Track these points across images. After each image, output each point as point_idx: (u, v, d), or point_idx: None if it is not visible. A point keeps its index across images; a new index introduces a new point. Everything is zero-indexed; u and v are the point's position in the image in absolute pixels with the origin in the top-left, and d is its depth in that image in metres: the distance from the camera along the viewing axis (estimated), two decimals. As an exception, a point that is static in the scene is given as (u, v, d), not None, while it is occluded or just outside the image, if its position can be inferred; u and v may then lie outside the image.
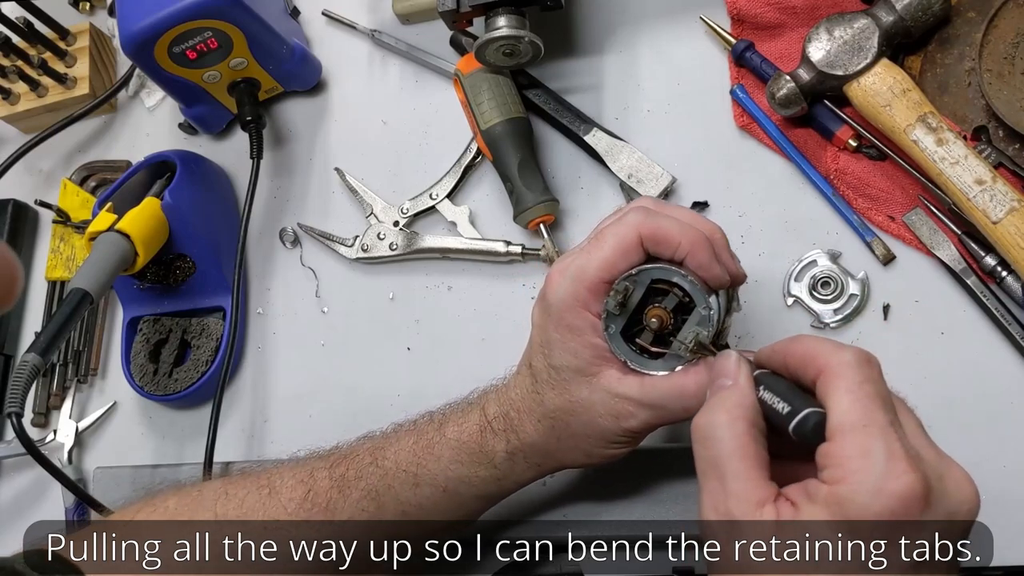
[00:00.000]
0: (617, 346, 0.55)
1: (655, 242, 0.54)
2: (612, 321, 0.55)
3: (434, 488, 0.60)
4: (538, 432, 0.58)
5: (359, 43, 0.91)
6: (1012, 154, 0.68)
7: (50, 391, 0.88)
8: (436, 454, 0.60)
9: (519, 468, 0.60)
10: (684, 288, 0.54)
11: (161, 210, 0.80)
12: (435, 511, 0.60)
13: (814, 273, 0.71)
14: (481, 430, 0.59)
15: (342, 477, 0.61)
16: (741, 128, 0.77)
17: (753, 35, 0.78)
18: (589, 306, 0.55)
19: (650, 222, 0.54)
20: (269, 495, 0.61)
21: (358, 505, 0.60)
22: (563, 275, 0.56)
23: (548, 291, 0.56)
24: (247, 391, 0.84)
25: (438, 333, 0.81)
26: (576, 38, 0.84)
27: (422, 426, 0.62)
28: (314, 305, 0.85)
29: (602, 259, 0.54)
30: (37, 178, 0.98)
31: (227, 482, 0.63)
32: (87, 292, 0.71)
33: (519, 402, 0.59)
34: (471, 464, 0.59)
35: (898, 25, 0.70)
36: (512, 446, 0.59)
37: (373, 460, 0.61)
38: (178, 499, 0.63)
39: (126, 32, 0.77)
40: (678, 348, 0.54)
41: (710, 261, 0.53)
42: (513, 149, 0.76)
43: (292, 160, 0.90)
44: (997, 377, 0.67)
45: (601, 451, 0.58)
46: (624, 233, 0.54)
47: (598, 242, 0.55)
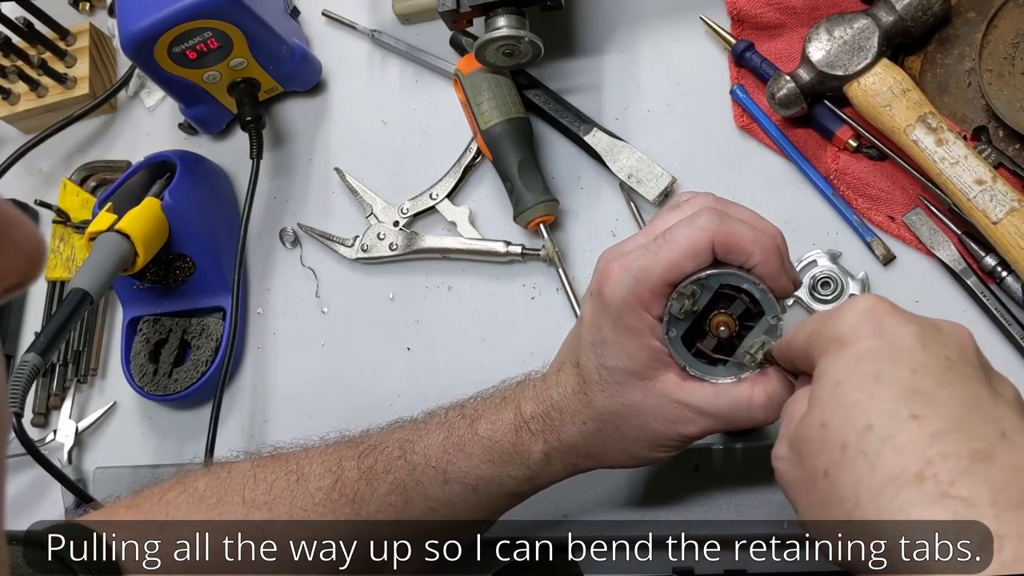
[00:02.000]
0: (678, 351, 0.53)
1: (727, 249, 0.51)
2: (674, 325, 0.52)
3: (464, 486, 0.58)
4: (582, 434, 0.56)
5: (359, 43, 0.91)
6: (1012, 154, 0.68)
7: (50, 391, 0.88)
8: (467, 452, 0.58)
9: (554, 468, 0.58)
10: (754, 296, 0.52)
11: (161, 210, 0.80)
12: (463, 509, 0.59)
13: (814, 273, 0.71)
14: (516, 430, 0.57)
15: (370, 469, 0.60)
16: (741, 128, 0.77)
17: (753, 35, 0.78)
18: (650, 308, 0.52)
19: (724, 228, 0.51)
20: (297, 482, 0.60)
21: (386, 499, 0.59)
22: (625, 272, 0.52)
23: (605, 288, 0.53)
24: (247, 391, 0.84)
25: (438, 333, 0.81)
26: (576, 38, 0.84)
27: (453, 420, 0.60)
28: (314, 305, 0.85)
29: (671, 262, 0.51)
30: (37, 178, 0.98)
31: (256, 464, 0.62)
32: (87, 292, 0.71)
33: (562, 402, 0.57)
34: (503, 464, 0.58)
35: (898, 25, 0.70)
36: (550, 447, 0.57)
37: (402, 454, 0.60)
38: (208, 480, 0.62)
39: (126, 32, 0.77)
40: (742, 357, 0.52)
41: (779, 271, 0.52)
42: (513, 149, 0.76)
43: (292, 160, 0.90)
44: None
45: (647, 454, 0.57)
46: (697, 237, 0.51)
47: (667, 243, 0.51)
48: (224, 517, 0.59)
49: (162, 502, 0.61)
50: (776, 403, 0.52)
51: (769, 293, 0.52)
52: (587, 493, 0.70)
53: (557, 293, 0.78)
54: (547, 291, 0.78)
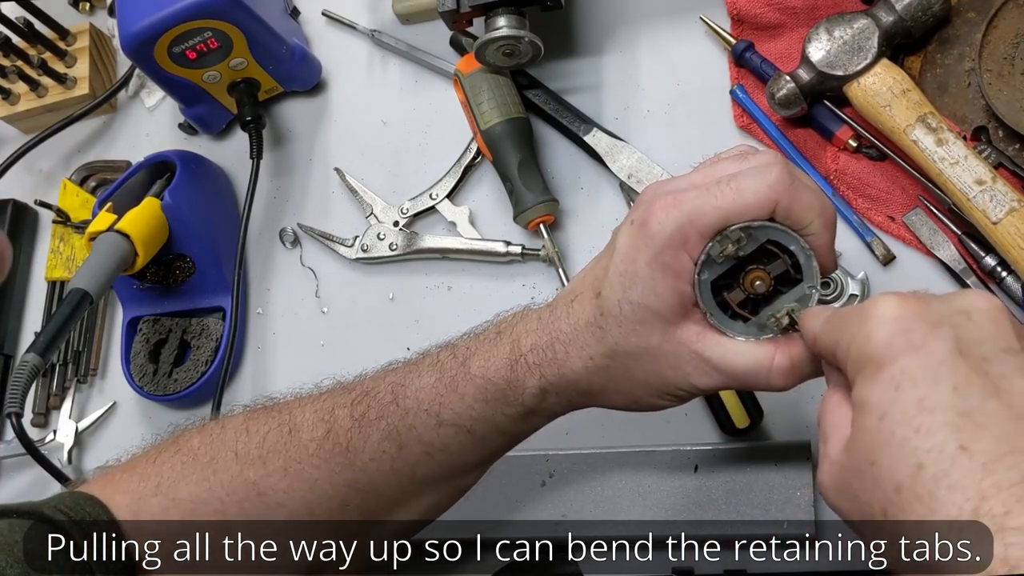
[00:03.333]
0: (703, 294, 0.51)
1: (789, 212, 0.49)
2: (708, 267, 0.50)
3: (458, 428, 0.56)
4: (586, 370, 0.53)
5: (359, 43, 0.91)
6: (1012, 154, 0.68)
7: (50, 391, 0.88)
8: (460, 392, 0.56)
9: (549, 404, 0.56)
10: (798, 260, 0.50)
11: (161, 210, 0.80)
12: (459, 451, 0.57)
13: (814, 273, 0.71)
14: (512, 364, 0.55)
15: (363, 416, 0.58)
16: (741, 128, 0.77)
17: (753, 35, 0.78)
18: (692, 251, 0.50)
19: (794, 189, 0.49)
20: (290, 434, 0.59)
21: (379, 447, 0.57)
22: (677, 209, 0.49)
23: (652, 219, 0.50)
24: (247, 391, 0.84)
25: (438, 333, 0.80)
26: (576, 38, 0.84)
27: (445, 360, 0.58)
28: (314, 305, 0.85)
29: (730, 209, 0.49)
30: (37, 178, 0.98)
31: (248, 417, 0.61)
32: (87, 292, 0.71)
33: (570, 334, 0.53)
34: (497, 403, 0.55)
35: (898, 25, 0.70)
36: (547, 382, 0.54)
37: (394, 399, 0.58)
38: (201, 438, 0.61)
39: (126, 32, 0.77)
40: (766, 319, 0.51)
41: (831, 247, 0.50)
42: (513, 149, 0.76)
43: (292, 160, 0.90)
44: (997, 377, 0.67)
45: (651, 400, 0.54)
46: (767, 192, 0.48)
47: (732, 190, 0.49)
48: (218, 475, 0.58)
49: (156, 463, 0.60)
50: (798, 372, 0.51)
51: (814, 261, 0.50)
52: (587, 493, 0.70)
53: (557, 293, 0.78)
54: (547, 291, 0.78)
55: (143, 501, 0.58)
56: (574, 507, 0.70)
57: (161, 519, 0.57)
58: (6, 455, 0.86)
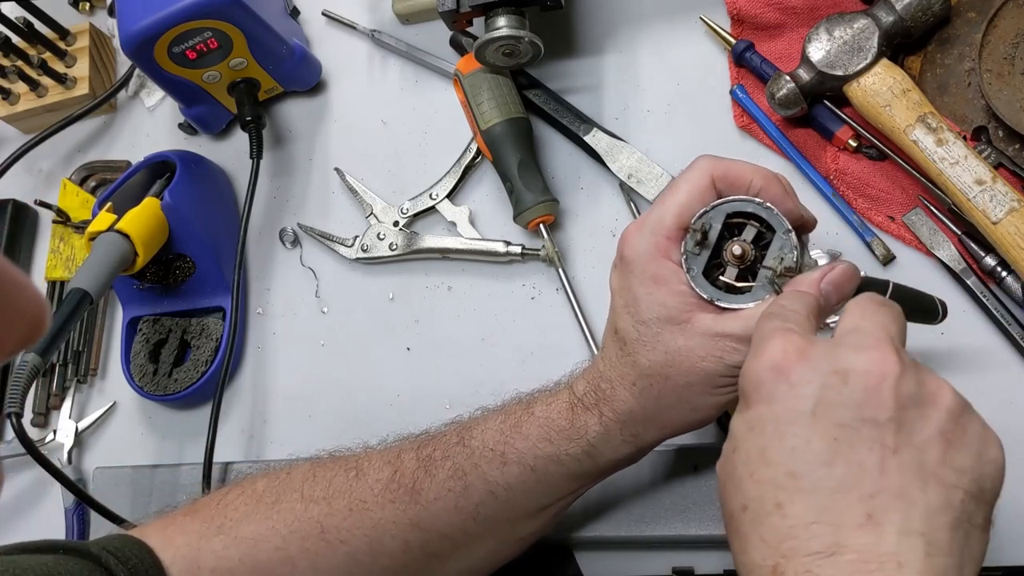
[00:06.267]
0: (701, 286, 0.54)
1: (728, 182, 0.54)
2: (693, 262, 0.54)
3: (522, 467, 0.58)
4: (634, 396, 0.55)
5: (359, 43, 0.91)
6: (1012, 154, 0.68)
7: (50, 391, 0.88)
8: (524, 432, 0.58)
9: (614, 443, 0.57)
10: (761, 216, 0.54)
11: (161, 210, 0.80)
12: (523, 491, 0.59)
13: (814, 273, 0.71)
14: (571, 407, 0.57)
15: (428, 457, 0.60)
16: (741, 128, 0.77)
17: (753, 35, 0.78)
18: (671, 255, 0.54)
19: (721, 164, 0.54)
20: (356, 477, 0.60)
21: (444, 485, 0.59)
22: (640, 229, 0.55)
23: (626, 249, 0.56)
24: (247, 391, 0.84)
25: (438, 333, 0.81)
26: (576, 38, 0.84)
27: (510, 407, 0.61)
28: (314, 305, 0.85)
29: (679, 204, 0.54)
30: (37, 178, 0.98)
31: (315, 464, 0.63)
32: (87, 292, 0.71)
33: (609, 371, 0.57)
34: (561, 441, 0.57)
35: (898, 25, 0.70)
36: (607, 419, 0.56)
37: (460, 440, 0.60)
38: (266, 482, 0.63)
39: (126, 32, 0.77)
40: (765, 275, 0.53)
41: (783, 195, 0.54)
42: (513, 149, 0.76)
43: (292, 160, 0.90)
44: (997, 377, 0.67)
45: (707, 399, 0.55)
46: (697, 177, 0.54)
47: (671, 192, 0.55)
48: (282, 514, 0.60)
49: (220, 505, 0.61)
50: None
51: (775, 210, 0.53)
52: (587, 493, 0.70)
53: (557, 293, 0.78)
54: (547, 291, 0.78)
55: (204, 540, 0.59)
56: (574, 507, 0.70)
57: (221, 555, 0.58)
58: (6, 455, 0.86)
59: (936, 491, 0.40)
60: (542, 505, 0.60)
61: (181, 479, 0.81)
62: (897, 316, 0.46)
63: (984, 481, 0.41)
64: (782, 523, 0.41)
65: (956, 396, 0.43)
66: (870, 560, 0.38)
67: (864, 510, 0.40)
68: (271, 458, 0.81)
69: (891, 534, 0.39)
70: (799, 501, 0.41)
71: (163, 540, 0.59)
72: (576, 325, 0.76)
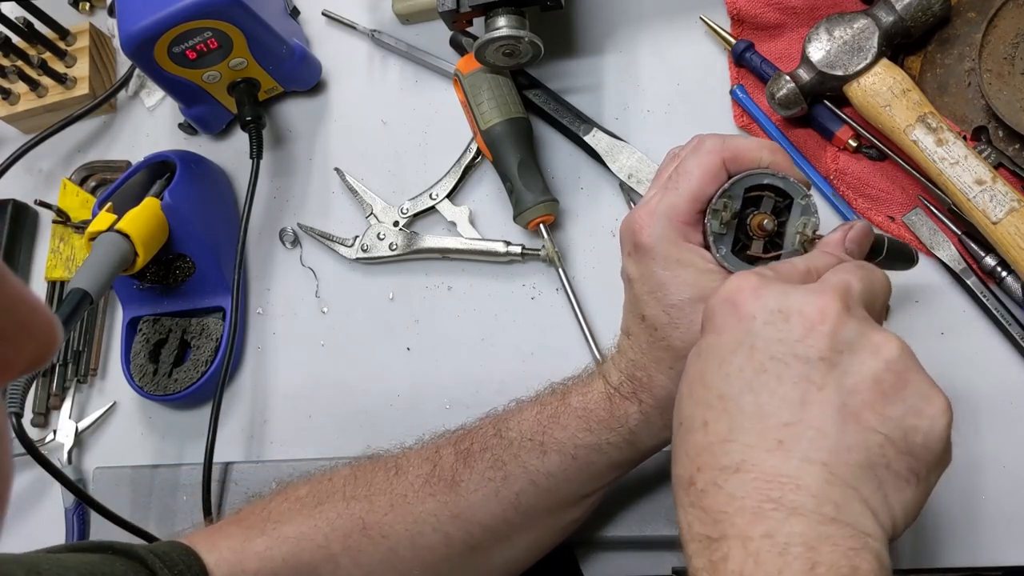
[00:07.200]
0: (733, 264, 0.54)
1: (738, 161, 0.54)
2: (720, 242, 0.54)
3: (563, 456, 0.58)
4: (672, 380, 0.55)
5: (359, 43, 0.91)
6: (1012, 154, 0.68)
7: (50, 391, 0.88)
8: (562, 423, 0.58)
9: (655, 429, 0.57)
10: (778, 186, 0.54)
11: (161, 210, 0.80)
12: (565, 479, 0.59)
13: (814, 273, 0.71)
14: (609, 397, 0.57)
15: (467, 450, 0.60)
16: (741, 128, 0.77)
17: (753, 35, 0.78)
18: (690, 238, 0.55)
19: (729, 143, 0.54)
20: (396, 474, 0.61)
21: (484, 475, 0.59)
22: (653, 216, 0.55)
23: (641, 237, 0.55)
24: (247, 391, 0.84)
25: (438, 333, 0.81)
26: (576, 38, 0.84)
27: (544, 397, 0.61)
28: (314, 305, 0.85)
29: (692, 190, 0.54)
30: (37, 178, 0.98)
31: (355, 467, 0.64)
32: (87, 292, 0.71)
33: (642, 359, 0.56)
34: (601, 431, 0.57)
35: (898, 25, 0.70)
36: (646, 406, 0.56)
37: (496, 432, 0.60)
38: (309, 487, 0.63)
39: (126, 32, 0.77)
40: (793, 240, 0.54)
41: (791, 163, 0.55)
42: (513, 149, 0.76)
43: (292, 160, 0.90)
44: (997, 377, 0.67)
45: None
46: (708, 160, 0.54)
47: (682, 176, 0.54)
48: (325, 513, 0.61)
49: (264, 511, 0.63)
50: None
51: (791, 179, 0.54)
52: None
53: (557, 293, 0.78)
54: (547, 291, 0.78)
55: (248, 543, 0.60)
56: (574, 507, 0.70)
57: (265, 556, 0.59)
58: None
59: (854, 430, 0.42)
60: (584, 493, 0.61)
61: (181, 479, 0.81)
62: (866, 278, 0.47)
63: (914, 434, 0.42)
64: (703, 439, 0.44)
65: (902, 352, 0.44)
66: (771, 480, 0.42)
67: (777, 436, 0.42)
68: (271, 458, 0.81)
69: (795, 459, 0.42)
70: (722, 421, 0.44)
71: (208, 545, 0.60)
72: (576, 325, 0.76)
